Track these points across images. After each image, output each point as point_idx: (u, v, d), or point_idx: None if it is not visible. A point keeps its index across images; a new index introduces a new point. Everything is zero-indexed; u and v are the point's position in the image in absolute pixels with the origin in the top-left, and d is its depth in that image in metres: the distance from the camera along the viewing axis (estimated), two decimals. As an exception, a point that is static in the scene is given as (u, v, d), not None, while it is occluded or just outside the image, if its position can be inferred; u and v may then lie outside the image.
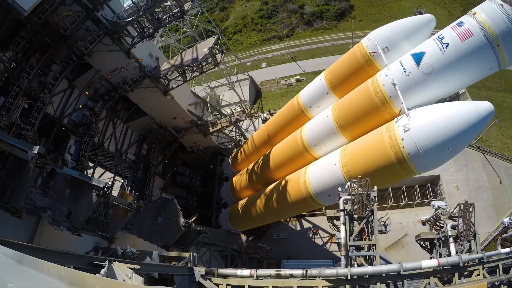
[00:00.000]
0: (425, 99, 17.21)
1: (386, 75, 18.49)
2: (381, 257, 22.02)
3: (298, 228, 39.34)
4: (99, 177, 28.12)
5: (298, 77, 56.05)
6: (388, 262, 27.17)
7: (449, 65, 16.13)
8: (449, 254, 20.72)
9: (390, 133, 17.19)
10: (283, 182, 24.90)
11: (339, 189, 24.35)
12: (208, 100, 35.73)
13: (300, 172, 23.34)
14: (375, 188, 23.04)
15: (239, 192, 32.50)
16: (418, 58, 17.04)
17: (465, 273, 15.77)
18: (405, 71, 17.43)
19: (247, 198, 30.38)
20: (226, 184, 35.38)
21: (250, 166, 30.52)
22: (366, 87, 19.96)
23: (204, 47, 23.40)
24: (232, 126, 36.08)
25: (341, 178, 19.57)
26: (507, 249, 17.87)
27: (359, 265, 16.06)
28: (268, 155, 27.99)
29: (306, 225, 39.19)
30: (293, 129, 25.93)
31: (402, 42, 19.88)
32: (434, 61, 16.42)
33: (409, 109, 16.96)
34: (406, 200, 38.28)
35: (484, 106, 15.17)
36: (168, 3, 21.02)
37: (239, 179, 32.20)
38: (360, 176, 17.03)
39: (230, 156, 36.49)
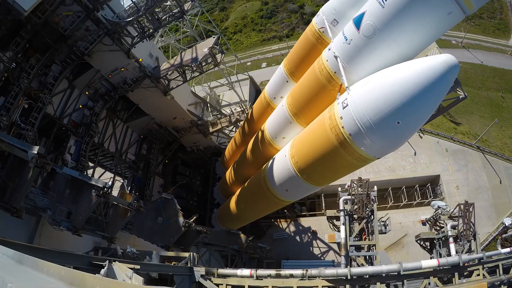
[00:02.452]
0: (377, 68, 13.63)
1: (329, 49, 15.99)
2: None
3: (298, 228, 39.35)
4: (99, 177, 28.12)
5: (298, 77, 56.00)
6: (388, 262, 27.18)
7: (393, 20, 12.65)
8: (449, 254, 20.74)
9: (330, 113, 14.54)
10: (250, 179, 24.36)
11: (339, 189, 24.24)
12: (208, 100, 35.73)
13: (262, 167, 22.18)
14: (375, 188, 23.14)
15: (225, 191, 32.10)
16: (358, 21, 13.95)
17: (465, 273, 15.78)
18: (346, 40, 14.54)
19: (230, 198, 29.97)
20: (217, 184, 35.30)
21: (233, 165, 30.24)
22: (313, 66, 17.70)
23: (204, 47, 23.39)
24: (232, 126, 36.07)
25: (291, 171, 17.74)
26: (507, 249, 17.87)
27: (359, 265, 16.00)
28: (244, 152, 27.08)
29: (306, 225, 39.21)
30: (262, 123, 24.49)
31: (349, 11, 17.25)
32: (375, 19, 13.11)
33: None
34: (406, 200, 38.29)
35: (440, 60, 11.39)
36: (168, 3, 21.02)
37: (224, 179, 31.83)
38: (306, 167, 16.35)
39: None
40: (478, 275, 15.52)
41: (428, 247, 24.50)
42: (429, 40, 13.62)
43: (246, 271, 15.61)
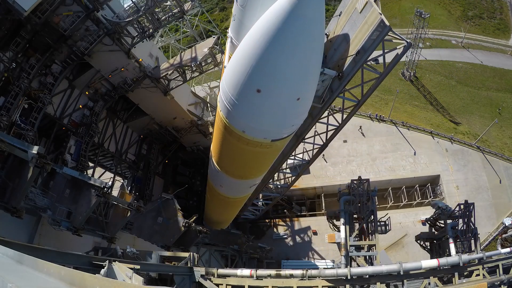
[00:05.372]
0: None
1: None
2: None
3: (298, 228, 39.37)
4: (99, 177, 28.11)
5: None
6: (388, 262, 27.20)
7: None
8: (449, 254, 20.73)
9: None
10: None
11: (339, 188, 24.25)
12: (208, 100, 35.64)
13: None
14: (376, 188, 23.14)
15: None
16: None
17: (465, 273, 15.78)
18: (234, 19, 13.17)
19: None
20: None
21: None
22: None
23: (204, 47, 23.38)
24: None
25: (216, 166, 17.20)
26: (507, 249, 17.86)
27: (359, 265, 16.02)
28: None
29: (305, 225, 39.24)
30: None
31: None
32: None
33: None
34: (406, 200, 38.33)
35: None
36: (168, 3, 21.01)
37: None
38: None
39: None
40: (478, 275, 15.51)
41: (428, 247, 24.51)
42: None
43: (246, 271, 15.61)
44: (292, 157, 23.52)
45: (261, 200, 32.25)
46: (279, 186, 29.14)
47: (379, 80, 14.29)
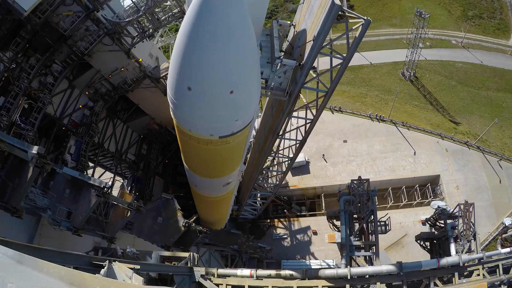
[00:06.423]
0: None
1: None
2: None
3: (298, 228, 39.37)
4: (99, 177, 28.11)
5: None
6: (388, 262, 27.17)
7: None
8: (449, 254, 20.71)
9: None
10: None
11: (339, 188, 24.22)
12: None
13: None
14: (376, 188, 23.12)
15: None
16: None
17: (465, 273, 15.79)
18: None
19: None
20: None
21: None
22: None
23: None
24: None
25: (185, 166, 17.43)
26: (507, 249, 17.89)
27: (359, 265, 16.02)
28: None
29: (305, 225, 39.23)
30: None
31: None
32: None
33: None
34: (406, 200, 38.32)
35: None
36: (168, 3, 21.01)
37: None
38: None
39: None
40: (478, 275, 15.52)
41: (428, 247, 24.49)
42: None
43: (246, 271, 15.62)
44: (274, 154, 22.78)
45: (259, 199, 32.25)
46: (272, 185, 29.03)
47: (344, 64, 13.01)
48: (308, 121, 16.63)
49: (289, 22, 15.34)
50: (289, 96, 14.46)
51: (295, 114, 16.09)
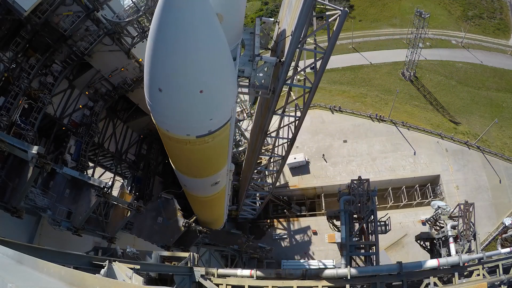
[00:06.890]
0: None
1: None
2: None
3: (298, 228, 39.37)
4: (99, 177, 28.10)
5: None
6: (388, 262, 27.15)
7: None
8: (449, 254, 20.72)
9: None
10: None
11: (339, 188, 24.21)
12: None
13: None
14: (376, 188, 23.12)
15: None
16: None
17: (465, 273, 15.79)
18: None
19: None
20: None
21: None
22: None
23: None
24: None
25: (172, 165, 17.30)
26: (507, 249, 17.88)
27: (359, 265, 16.02)
28: None
29: (305, 225, 39.23)
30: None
31: None
32: None
33: None
34: (406, 200, 38.32)
35: None
36: (168, 3, 20.96)
37: None
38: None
39: None
40: (478, 275, 15.52)
41: (428, 247, 24.49)
42: None
43: (246, 271, 15.63)
44: (270, 154, 22.73)
45: (257, 199, 32.26)
46: (268, 185, 29.02)
47: (325, 58, 12.85)
48: (296, 118, 16.66)
49: (272, 19, 15.30)
50: (273, 93, 14.35)
51: (286, 112, 16.10)
